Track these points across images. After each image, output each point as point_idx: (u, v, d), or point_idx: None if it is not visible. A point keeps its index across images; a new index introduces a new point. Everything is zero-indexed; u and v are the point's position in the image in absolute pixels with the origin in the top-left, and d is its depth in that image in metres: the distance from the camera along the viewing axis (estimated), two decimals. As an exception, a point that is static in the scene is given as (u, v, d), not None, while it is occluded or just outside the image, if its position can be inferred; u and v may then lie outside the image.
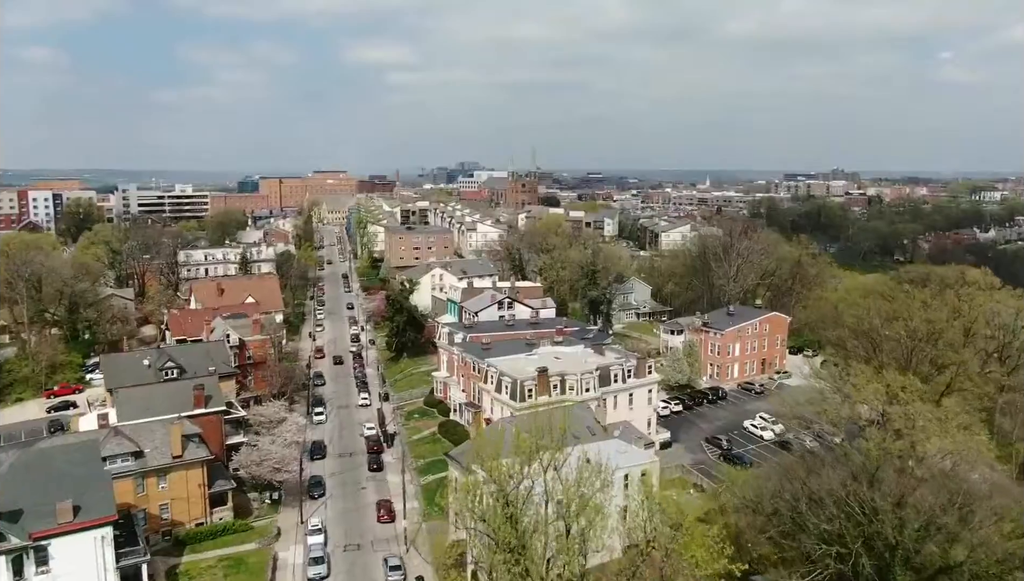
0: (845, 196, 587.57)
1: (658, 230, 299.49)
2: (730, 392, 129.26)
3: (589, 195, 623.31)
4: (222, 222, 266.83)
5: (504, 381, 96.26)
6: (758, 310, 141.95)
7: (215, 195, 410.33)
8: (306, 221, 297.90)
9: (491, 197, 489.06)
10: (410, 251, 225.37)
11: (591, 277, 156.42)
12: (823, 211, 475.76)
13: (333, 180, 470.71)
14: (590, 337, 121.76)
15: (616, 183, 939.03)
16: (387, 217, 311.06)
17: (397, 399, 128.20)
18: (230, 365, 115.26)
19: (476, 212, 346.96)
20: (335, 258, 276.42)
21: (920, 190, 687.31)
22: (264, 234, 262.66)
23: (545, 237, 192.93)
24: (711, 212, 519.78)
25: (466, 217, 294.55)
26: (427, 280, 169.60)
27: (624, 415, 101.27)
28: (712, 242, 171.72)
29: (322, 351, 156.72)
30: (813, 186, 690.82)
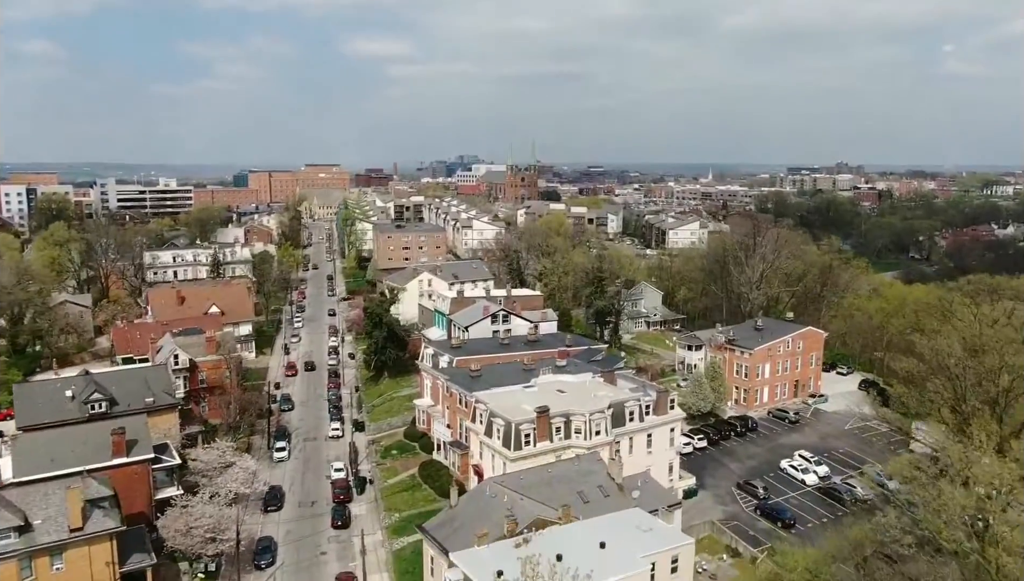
0: (853, 190, 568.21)
1: (665, 227, 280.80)
2: (760, 421, 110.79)
3: (590, 189, 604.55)
4: (200, 219, 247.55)
5: (496, 423, 77.79)
6: (789, 324, 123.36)
7: (200, 190, 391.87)
8: (292, 218, 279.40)
9: (489, 191, 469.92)
10: (399, 251, 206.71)
11: (598, 284, 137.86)
12: (832, 206, 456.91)
13: (325, 174, 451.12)
14: (598, 359, 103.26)
15: (617, 177, 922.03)
16: (378, 213, 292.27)
17: (374, 429, 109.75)
18: (173, 394, 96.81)
19: (472, 208, 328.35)
20: (322, 257, 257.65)
21: (928, 184, 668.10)
22: (245, 232, 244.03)
23: (546, 237, 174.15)
24: (716, 207, 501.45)
25: (461, 213, 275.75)
26: (414, 286, 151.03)
27: (641, 460, 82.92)
28: (732, 244, 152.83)
29: (294, 368, 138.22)
30: (819, 180, 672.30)
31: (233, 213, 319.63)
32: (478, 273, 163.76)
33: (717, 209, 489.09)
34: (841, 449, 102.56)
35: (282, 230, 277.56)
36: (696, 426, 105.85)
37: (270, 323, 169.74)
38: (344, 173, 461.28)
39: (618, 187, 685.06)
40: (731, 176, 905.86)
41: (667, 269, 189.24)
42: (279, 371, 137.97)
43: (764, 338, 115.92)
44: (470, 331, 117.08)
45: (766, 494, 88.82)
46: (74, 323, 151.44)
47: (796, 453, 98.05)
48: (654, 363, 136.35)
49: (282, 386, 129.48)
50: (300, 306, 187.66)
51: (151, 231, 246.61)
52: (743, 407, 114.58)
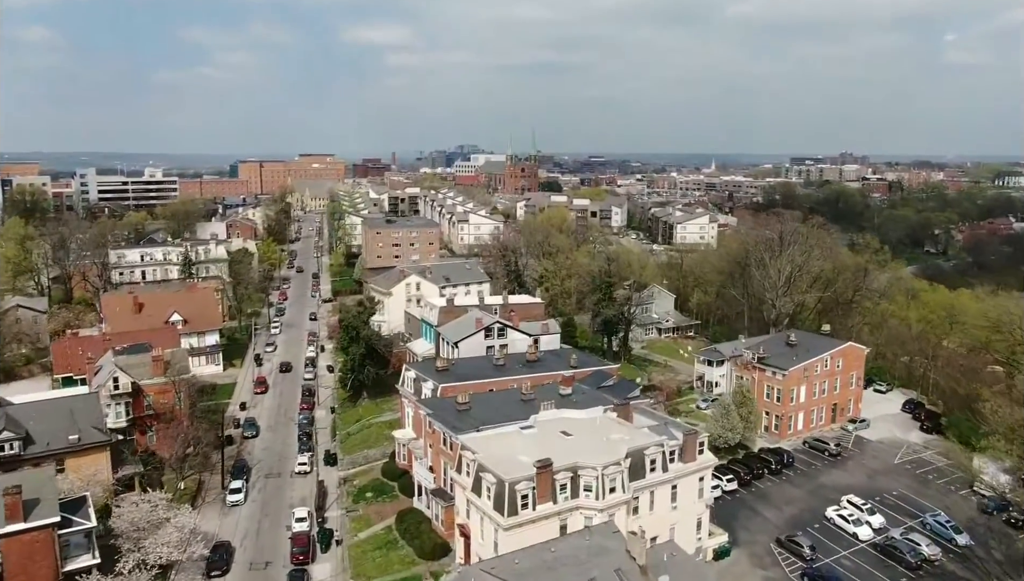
0: (861, 181, 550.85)
1: (673, 222, 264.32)
2: (796, 454, 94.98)
3: (592, 180, 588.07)
4: (179, 212, 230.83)
5: (485, 480, 61.99)
6: (826, 339, 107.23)
7: (187, 181, 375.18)
8: (278, 211, 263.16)
9: (488, 182, 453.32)
10: (389, 248, 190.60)
11: (606, 291, 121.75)
12: (842, 198, 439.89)
13: (319, 164, 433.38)
14: (610, 385, 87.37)
15: (618, 166, 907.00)
16: (371, 206, 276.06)
17: (348, 463, 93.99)
18: (104, 429, 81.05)
19: (469, 200, 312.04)
20: (310, 254, 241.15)
21: (936, 175, 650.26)
22: (227, 227, 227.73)
23: (547, 236, 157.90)
24: (722, 198, 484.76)
25: (457, 206, 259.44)
26: (400, 291, 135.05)
27: (664, 517, 67.43)
28: (755, 243, 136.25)
29: (264, 384, 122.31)
30: (825, 171, 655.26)
31: (219, 205, 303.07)
32: (473, 275, 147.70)
33: (722, 200, 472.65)
34: (894, 491, 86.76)
35: (268, 224, 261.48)
36: (723, 461, 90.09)
37: (245, 329, 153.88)
38: (339, 163, 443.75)
39: (620, 177, 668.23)
40: (734, 166, 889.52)
41: (678, 269, 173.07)
42: (248, 387, 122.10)
43: (799, 356, 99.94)
44: (460, 348, 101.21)
45: (813, 554, 73.15)
46: (27, 330, 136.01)
47: (844, 499, 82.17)
48: (668, 379, 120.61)
49: (248, 406, 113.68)
50: (280, 309, 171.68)
51: (129, 225, 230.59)
52: (774, 436, 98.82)
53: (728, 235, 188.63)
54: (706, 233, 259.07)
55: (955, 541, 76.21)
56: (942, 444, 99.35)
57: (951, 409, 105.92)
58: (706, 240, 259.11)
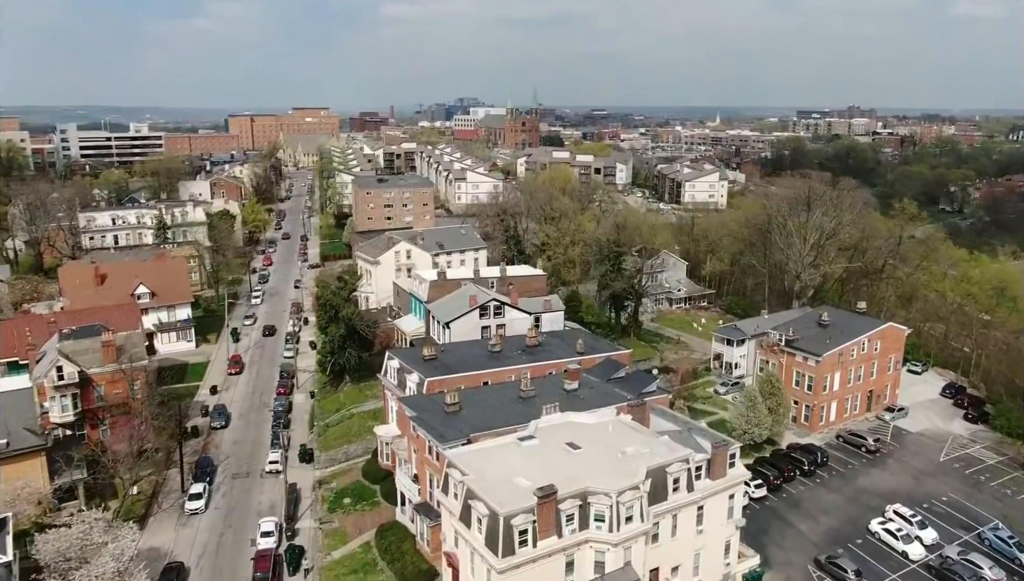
0: (872, 136, 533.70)
1: (681, 179, 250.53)
2: (829, 450, 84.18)
3: (594, 134, 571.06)
4: (158, 170, 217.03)
5: (476, 510, 50.99)
6: (862, 319, 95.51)
7: (175, 136, 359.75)
8: (266, 168, 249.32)
9: (488, 137, 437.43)
10: (380, 210, 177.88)
11: (615, 261, 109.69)
12: (853, 153, 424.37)
13: (313, 118, 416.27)
14: (622, 376, 76.03)
15: (621, 120, 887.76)
16: (364, 163, 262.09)
17: (326, 460, 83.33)
18: (38, 431, 70.16)
19: (468, 156, 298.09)
20: (300, 214, 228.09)
21: (947, 129, 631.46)
22: (211, 186, 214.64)
23: (550, 196, 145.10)
24: (728, 153, 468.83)
25: (454, 164, 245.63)
26: (388, 259, 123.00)
27: (688, 544, 56.85)
28: (779, 207, 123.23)
29: (240, 363, 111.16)
30: (834, 125, 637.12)
31: (206, 162, 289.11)
32: (468, 240, 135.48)
33: (729, 156, 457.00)
34: (943, 496, 76.10)
35: (256, 182, 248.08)
36: (748, 461, 79.37)
37: (223, 299, 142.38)
38: (333, 117, 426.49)
39: (623, 132, 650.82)
40: (739, 120, 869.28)
41: (689, 232, 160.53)
42: (221, 366, 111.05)
43: (833, 339, 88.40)
44: (452, 329, 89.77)
45: (858, 579, 62.74)
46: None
47: (890, 509, 71.56)
48: (682, 358, 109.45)
49: (220, 389, 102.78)
50: (263, 275, 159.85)
51: (108, 183, 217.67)
52: (804, 429, 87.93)
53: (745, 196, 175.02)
54: (716, 192, 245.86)
55: (1020, 561, 65.84)
56: (990, 436, 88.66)
57: (998, 394, 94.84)
58: (715, 199, 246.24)
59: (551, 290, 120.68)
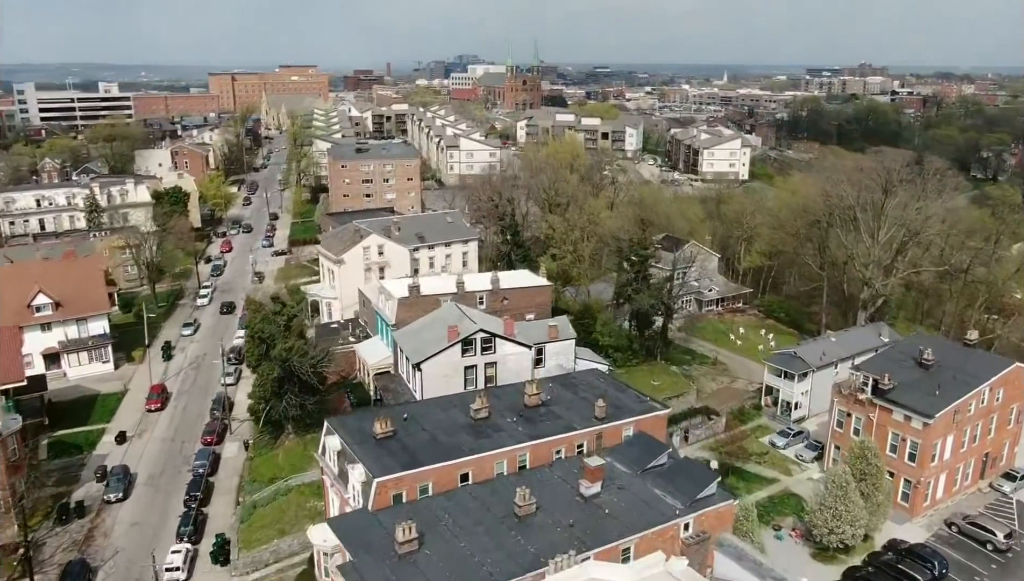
0: (891, 95, 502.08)
1: (698, 146, 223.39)
2: (940, 544, 60.22)
3: (599, 93, 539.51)
4: (113, 136, 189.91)
5: None
6: (975, 354, 70.43)
7: (148, 96, 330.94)
8: (238, 134, 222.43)
9: (487, 97, 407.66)
10: (358, 186, 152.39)
11: (640, 266, 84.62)
12: (873, 114, 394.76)
13: (299, 76, 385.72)
14: (660, 467, 51.66)
15: (625, 78, 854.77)
16: (348, 128, 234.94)
17: (246, 564, 59.47)
18: None
19: (464, 118, 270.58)
20: (275, 186, 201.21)
21: (967, 88, 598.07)
22: (172, 155, 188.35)
23: (555, 177, 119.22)
24: (741, 114, 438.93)
25: (447, 128, 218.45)
26: (354, 257, 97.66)
27: None
28: (842, 194, 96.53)
29: (163, 396, 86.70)
30: (848, 83, 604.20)
31: (177, 126, 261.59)
32: (456, 230, 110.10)
33: (742, 117, 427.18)
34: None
35: (228, 149, 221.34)
36: (833, 570, 55.72)
37: (167, 298, 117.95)
38: (322, 76, 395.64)
39: (628, 90, 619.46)
40: (746, 78, 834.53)
41: (716, 214, 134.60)
42: (139, 399, 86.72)
43: (945, 389, 63.70)
44: (424, 371, 65.32)
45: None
46: None
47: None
48: (723, 389, 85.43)
49: (130, 436, 78.69)
50: (218, 266, 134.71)
51: (57, 151, 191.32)
52: (901, 511, 63.81)
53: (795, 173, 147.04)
54: (737, 160, 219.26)
55: None
56: None
57: None
58: (736, 169, 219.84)
59: (556, 296, 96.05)
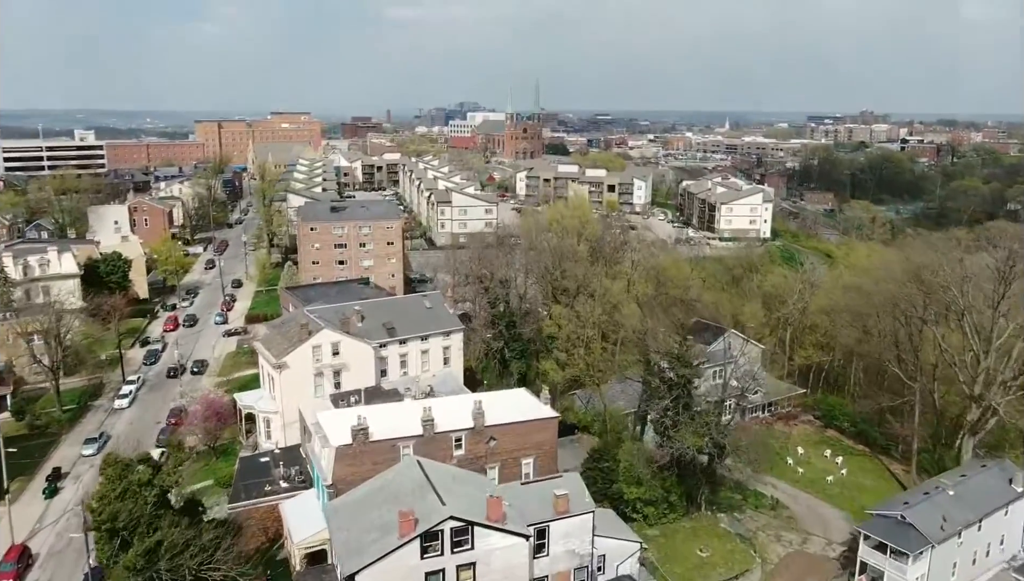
0: (901, 143, 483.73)
1: (714, 200, 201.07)
2: None
3: (601, 141, 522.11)
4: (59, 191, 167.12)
5: None
6: None
7: (123, 144, 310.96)
8: (211, 187, 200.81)
9: (485, 145, 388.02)
10: (330, 251, 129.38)
11: (681, 391, 60.66)
12: (889, 164, 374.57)
13: (289, 124, 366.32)
14: None
15: (626, 125, 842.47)
16: (330, 179, 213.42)
17: None
18: None
19: (462, 168, 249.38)
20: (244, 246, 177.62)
21: (974, 136, 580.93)
22: (130, 211, 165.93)
23: (560, 251, 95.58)
24: (749, 163, 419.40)
25: (439, 181, 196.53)
26: (301, 359, 73.58)
27: None
28: (941, 280, 72.03)
29: (18, 566, 61.87)
30: (855, 131, 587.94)
31: (152, 177, 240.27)
32: (435, 319, 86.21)
33: (750, 166, 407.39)
34: None
35: (201, 202, 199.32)
36: None
37: (78, 398, 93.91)
38: (314, 123, 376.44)
39: (630, 138, 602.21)
40: (747, 125, 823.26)
41: (751, 289, 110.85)
42: None
43: None
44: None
45: None
46: None
47: None
48: (794, 557, 60.71)
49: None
50: (152, 352, 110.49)
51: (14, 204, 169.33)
52: None
53: (879, 249, 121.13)
54: (758, 216, 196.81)
55: None
56: None
57: None
58: (757, 225, 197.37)
59: (561, 403, 71.85)
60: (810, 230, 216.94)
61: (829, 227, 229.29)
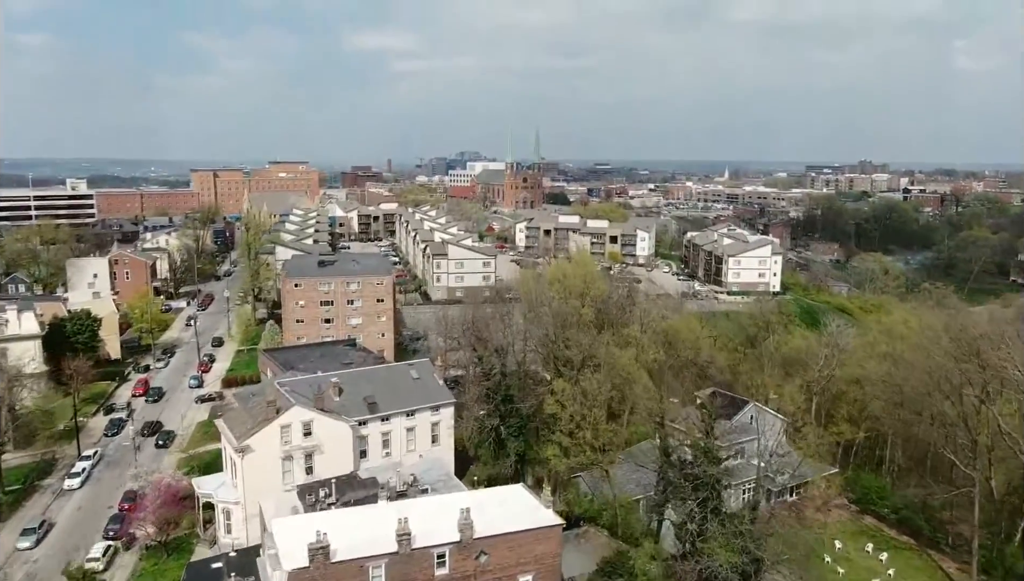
0: (903, 193, 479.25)
1: (721, 253, 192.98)
2: None
3: (601, 190, 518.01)
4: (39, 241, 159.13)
5: None
6: None
7: (116, 193, 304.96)
8: (198, 238, 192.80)
9: (484, 194, 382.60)
10: (315, 310, 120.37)
11: (710, 493, 50.86)
12: (894, 214, 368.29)
13: (287, 173, 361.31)
14: None
15: (625, 174, 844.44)
16: (323, 230, 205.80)
17: None
18: None
19: (461, 218, 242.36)
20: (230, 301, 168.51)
21: (975, 185, 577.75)
22: (110, 264, 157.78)
23: (563, 317, 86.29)
24: (752, 213, 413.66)
25: (435, 233, 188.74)
26: (267, 441, 63.80)
27: None
28: (1002, 357, 63.03)
29: None
30: (856, 181, 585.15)
31: (140, 227, 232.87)
32: (422, 392, 76.58)
33: (753, 215, 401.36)
34: None
35: (187, 254, 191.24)
36: None
37: (24, 476, 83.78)
38: (312, 172, 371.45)
39: (631, 187, 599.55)
40: (747, 174, 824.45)
41: (772, 354, 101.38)
42: None
43: None
44: None
45: None
46: None
47: None
48: None
49: None
50: (116, 422, 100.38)
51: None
52: None
53: (907, 305, 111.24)
54: (767, 269, 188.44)
55: None
56: None
57: None
58: (767, 278, 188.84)
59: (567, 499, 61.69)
60: (820, 282, 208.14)
61: (839, 279, 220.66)
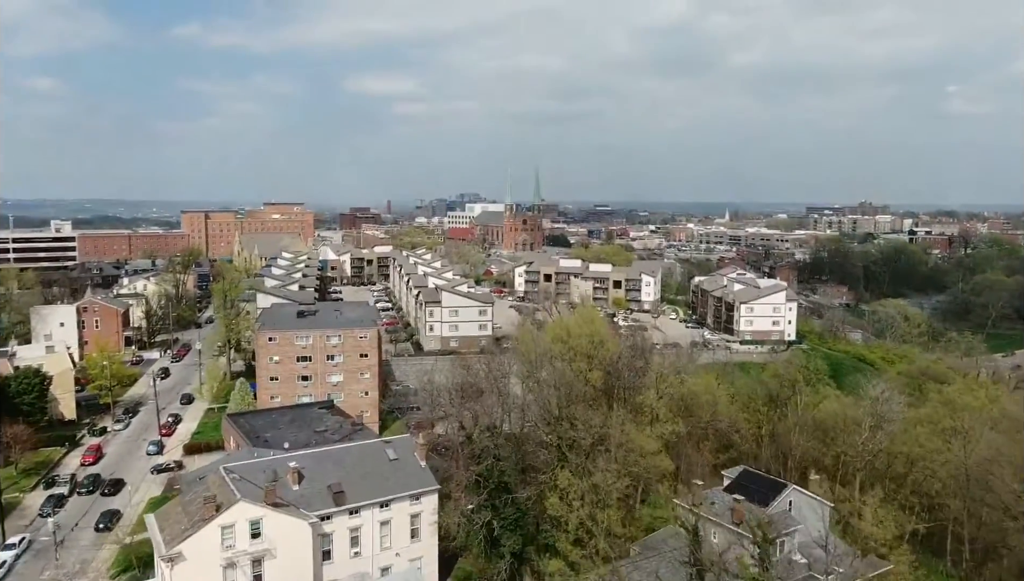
0: (909, 235, 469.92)
1: (732, 299, 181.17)
2: None
3: (602, 232, 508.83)
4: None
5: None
6: None
7: (101, 235, 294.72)
8: (178, 283, 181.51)
9: (483, 236, 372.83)
10: (291, 366, 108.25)
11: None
12: (904, 256, 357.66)
13: (281, 214, 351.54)
14: None
15: (626, 216, 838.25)
16: (311, 275, 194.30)
17: None
18: None
19: (452, 264, 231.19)
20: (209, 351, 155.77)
21: (979, 226, 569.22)
22: (79, 311, 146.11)
23: (568, 387, 74.10)
24: (757, 255, 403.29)
25: (430, 277, 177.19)
26: (203, 548, 51.47)
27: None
28: None
29: None
30: (859, 222, 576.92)
31: (122, 270, 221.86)
32: (402, 477, 63.97)
33: (758, 258, 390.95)
34: None
35: (166, 299, 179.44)
36: None
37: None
38: (307, 214, 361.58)
39: (631, 229, 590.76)
40: (747, 215, 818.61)
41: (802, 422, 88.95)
42: None
43: None
44: None
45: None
46: None
47: None
48: None
49: None
50: (56, 498, 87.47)
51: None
52: None
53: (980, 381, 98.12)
54: (782, 317, 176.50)
55: None
56: None
57: None
58: (781, 326, 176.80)
59: None
60: (836, 330, 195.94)
61: (856, 327, 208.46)
